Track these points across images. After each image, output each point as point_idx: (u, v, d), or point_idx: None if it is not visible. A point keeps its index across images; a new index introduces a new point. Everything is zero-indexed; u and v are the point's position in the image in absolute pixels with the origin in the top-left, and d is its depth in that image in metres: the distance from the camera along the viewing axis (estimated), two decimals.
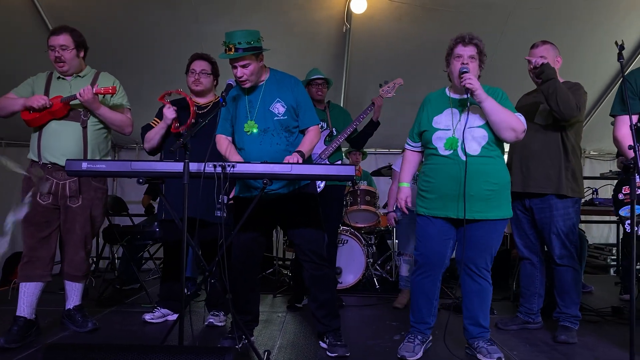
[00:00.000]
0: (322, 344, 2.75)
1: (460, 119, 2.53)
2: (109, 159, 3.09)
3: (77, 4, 4.24)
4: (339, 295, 3.93)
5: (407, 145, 2.80)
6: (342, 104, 5.37)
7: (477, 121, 2.51)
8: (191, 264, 4.18)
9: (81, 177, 2.87)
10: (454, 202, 2.50)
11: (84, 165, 2.30)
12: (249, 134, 2.59)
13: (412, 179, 2.80)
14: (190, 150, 2.18)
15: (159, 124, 3.21)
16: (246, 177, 2.48)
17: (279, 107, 2.61)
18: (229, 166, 2.25)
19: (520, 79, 3.44)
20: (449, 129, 2.54)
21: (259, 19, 4.27)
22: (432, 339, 2.75)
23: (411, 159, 2.78)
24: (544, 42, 3.03)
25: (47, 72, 3.00)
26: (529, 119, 2.85)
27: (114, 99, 3.03)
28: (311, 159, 2.87)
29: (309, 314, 2.90)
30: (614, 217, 2.80)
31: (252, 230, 2.63)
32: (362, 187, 4.67)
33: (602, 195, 4.39)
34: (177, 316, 2.17)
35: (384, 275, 4.75)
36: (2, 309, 3.42)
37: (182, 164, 2.18)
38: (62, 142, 2.87)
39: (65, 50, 2.87)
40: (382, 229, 4.99)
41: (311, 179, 2.68)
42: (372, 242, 4.90)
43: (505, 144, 2.65)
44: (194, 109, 3.14)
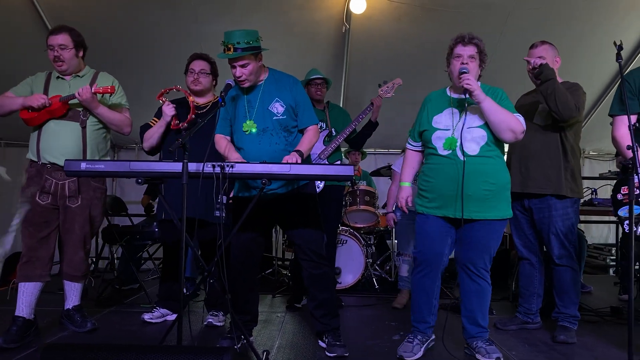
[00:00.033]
0: (321, 343, 2.75)
1: (460, 119, 2.53)
2: (108, 159, 3.09)
3: (77, 4, 4.23)
4: (338, 295, 3.92)
5: (408, 144, 2.81)
6: (341, 104, 5.36)
7: (476, 121, 2.51)
8: (190, 264, 4.18)
9: (80, 177, 2.87)
10: (452, 202, 2.50)
11: (83, 165, 2.30)
12: (247, 133, 2.59)
13: (413, 178, 2.81)
14: (189, 150, 2.18)
15: (157, 122, 3.21)
16: (245, 177, 2.48)
17: (277, 107, 2.61)
18: (227, 166, 2.25)
19: (519, 79, 3.44)
20: (449, 129, 2.54)
21: (259, 19, 4.27)
22: (434, 339, 2.74)
23: (412, 159, 2.79)
24: (543, 42, 3.04)
25: (46, 72, 3.00)
26: (528, 119, 2.85)
27: (112, 99, 3.03)
28: (310, 159, 2.87)
29: (308, 314, 2.89)
30: (613, 217, 2.80)
31: (251, 230, 2.63)
32: (361, 187, 4.67)
33: (601, 195, 4.39)
34: (176, 316, 2.17)
35: (383, 275, 4.75)
36: (1, 309, 3.42)
37: (181, 164, 2.18)
38: (61, 142, 2.87)
39: (64, 49, 2.87)
40: (381, 229, 4.99)
41: (310, 179, 2.68)
42: (372, 242, 4.90)
43: (505, 144, 2.65)
44: (193, 104, 3.14)
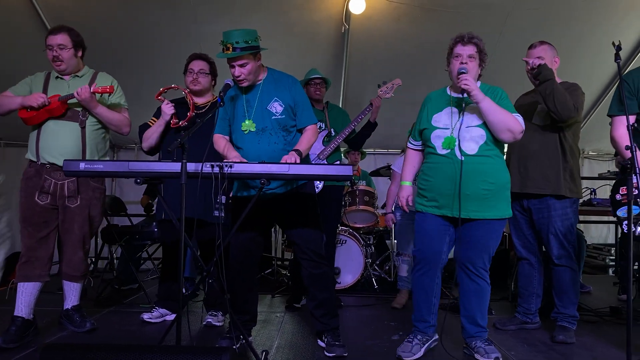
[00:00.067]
0: (320, 343, 2.76)
1: (459, 118, 2.53)
2: (107, 159, 3.09)
3: (77, 4, 4.23)
4: (338, 295, 3.93)
5: (409, 143, 2.82)
6: (340, 104, 5.36)
7: (475, 120, 2.52)
8: (189, 264, 4.18)
9: (79, 177, 2.87)
10: (451, 201, 2.51)
11: (82, 165, 2.30)
12: (246, 133, 2.59)
13: (414, 177, 2.81)
14: (187, 150, 2.18)
15: (156, 122, 3.21)
16: (244, 178, 2.48)
17: (276, 106, 2.61)
18: (226, 166, 2.25)
19: (518, 80, 3.44)
20: (448, 128, 2.54)
21: (258, 19, 4.26)
22: (437, 339, 2.72)
23: (413, 158, 2.79)
24: (542, 42, 3.04)
25: (45, 72, 3.00)
26: (527, 120, 2.85)
27: (111, 99, 3.03)
28: (308, 158, 2.87)
29: (308, 314, 2.90)
30: (612, 218, 2.80)
31: (250, 230, 2.63)
32: (360, 187, 4.68)
33: (600, 195, 4.39)
34: (175, 316, 2.17)
35: (382, 275, 4.75)
36: (0, 308, 3.42)
37: (180, 164, 2.18)
38: (60, 142, 2.87)
39: (63, 49, 2.87)
40: (380, 229, 4.99)
41: (309, 179, 2.69)
42: (371, 242, 4.91)
43: (504, 144, 2.65)
44: (192, 102, 3.14)
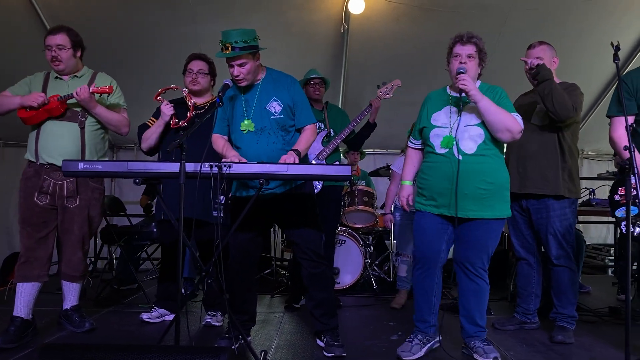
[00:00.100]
0: (319, 343, 2.76)
1: (457, 117, 2.53)
2: (106, 159, 3.09)
3: (76, 4, 4.23)
4: (337, 295, 3.92)
5: (409, 142, 2.82)
6: (340, 104, 5.36)
7: (473, 119, 2.52)
8: (188, 265, 4.18)
9: (78, 177, 2.87)
10: (448, 200, 2.51)
11: (81, 165, 2.30)
12: (245, 132, 2.59)
13: (414, 177, 2.81)
14: (186, 150, 2.18)
15: (156, 122, 3.21)
16: (242, 178, 2.48)
17: (275, 106, 2.61)
18: (225, 166, 2.25)
19: (517, 80, 3.44)
20: (446, 127, 2.55)
21: (258, 19, 4.26)
22: (440, 340, 2.69)
23: (413, 157, 2.80)
24: (541, 42, 3.04)
25: (44, 72, 3.00)
26: (526, 120, 2.85)
27: (110, 99, 3.03)
28: (307, 158, 2.87)
29: (307, 314, 2.90)
30: (612, 218, 2.80)
31: (249, 230, 2.63)
32: (360, 187, 4.68)
33: (599, 195, 4.40)
34: (174, 316, 2.17)
35: (381, 275, 4.75)
36: None
37: (178, 164, 2.18)
38: (59, 143, 2.87)
39: (61, 49, 2.87)
40: (380, 229, 4.99)
41: (308, 179, 2.69)
42: (370, 242, 4.90)
43: (504, 144, 2.65)
44: (192, 102, 3.14)
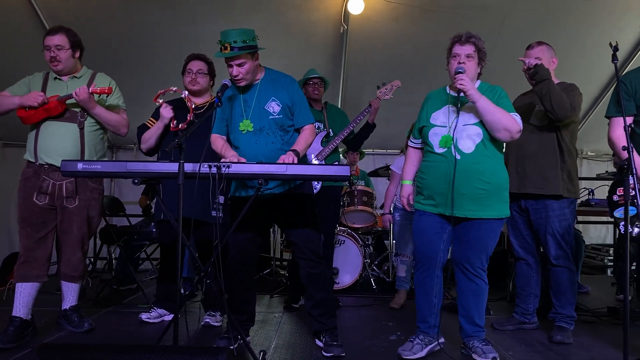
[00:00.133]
0: (318, 343, 2.76)
1: (456, 117, 2.54)
2: (105, 159, 3.09)
3: (76, 4, 4.23)
4: (336, 295, 3.93)
5: (409, 142, 2.83)
6: (339, 105, 5.36)
7: (472, 119, 2.52)
8: (188, 265, 4.18)
9: (77, 177, 2.87)
10: (446, 200, 2.51)
11: (80, 166, 2.31)
12: (244, 132, 2.59)
13: (414, 176, 2.81)
14: (185, 150, 2.18)
15: (155, 124, 3.21)
16: (241, 178, 2.48)
17: (274, 106, 2.61)
18: (224, 166, 2.25)
19: (516, 80, 3.44)
20: (445, 126, 2.55)
21: (257, 19, 4.26)
22: (443, 342, 2.68)
23: (413, 157, 2.80)
24: (540, 43, 3.04)
25: (43, 72, 3.00)
26: (525, 120, 2.85)
27: (110, 100, 3.03)
28: (306, 158, 2.87)
29: (306, 314, 2.90)
30: (611, 218, 2.81)
31: (248, 230, 2.63)
32: (359, 187, 4.68)
33: (599, 195, 4.40)
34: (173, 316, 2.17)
35: (380, 275, 4.75)
36: None
37: (177, 164, 2.18)
38: (58, 143, 2.87)
39: (60, 50, 2.87)
40: (379, 229, 4.99)
41: (307, 179, 2.69)
42: (369, 242, 4.91)
43: (503, 144, 2.66)
44: (191, 104, 3.14)
